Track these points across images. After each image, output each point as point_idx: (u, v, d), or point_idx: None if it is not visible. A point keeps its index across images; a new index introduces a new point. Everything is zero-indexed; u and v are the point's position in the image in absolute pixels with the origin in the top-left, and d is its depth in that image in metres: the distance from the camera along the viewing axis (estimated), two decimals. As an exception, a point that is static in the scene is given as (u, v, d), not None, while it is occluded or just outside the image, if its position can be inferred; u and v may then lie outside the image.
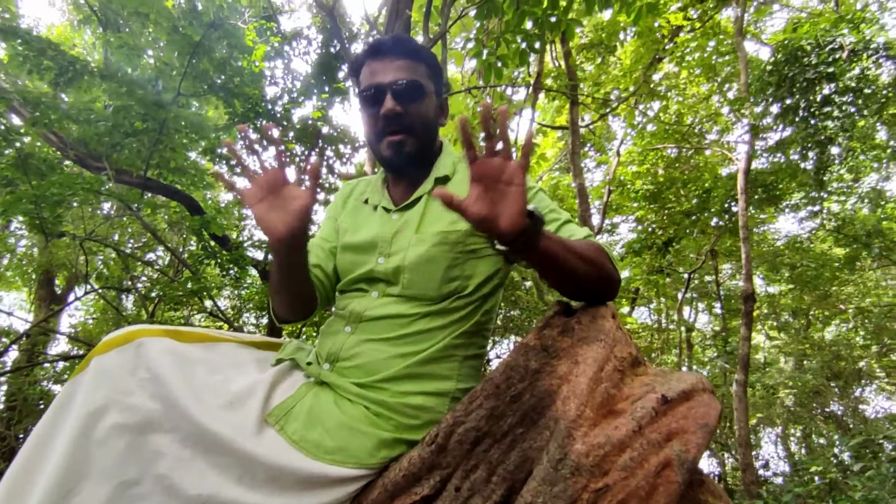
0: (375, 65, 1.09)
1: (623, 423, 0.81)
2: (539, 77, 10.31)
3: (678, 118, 11.17)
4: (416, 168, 1.12)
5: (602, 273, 0.94)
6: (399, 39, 1.10)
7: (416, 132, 1.07)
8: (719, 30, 9.99)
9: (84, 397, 0.86)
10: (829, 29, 4.75)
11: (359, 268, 1.08)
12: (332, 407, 0.94)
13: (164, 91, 5.24)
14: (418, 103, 1.06)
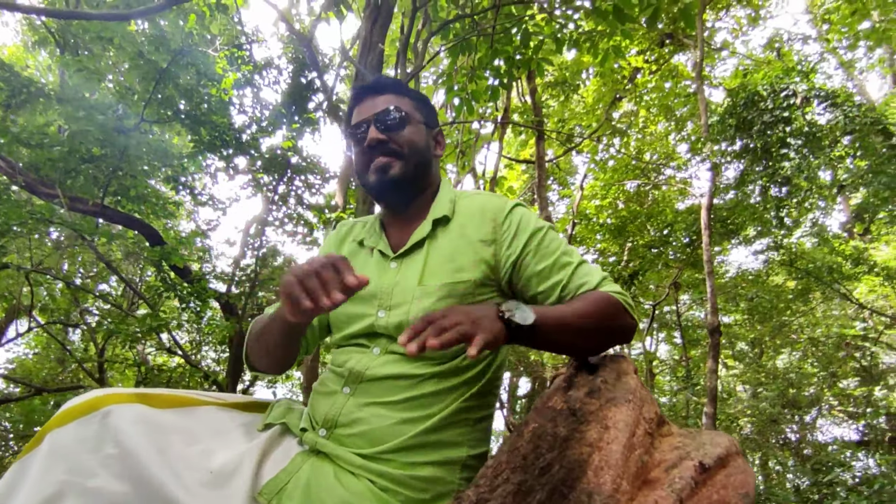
0: (360, 106, 1.07)
1: (662, 496, 0.74)
2: (506, 112, 10.54)
3: (638, 154, 11.61)
4: (406, 197, 1.05)
5: (614, 327, 0.91)
6: (380, 79, 1.09)
7: (402, 156, 1.01)
8: (676, 73, 10.55)
9: (34, 481, 0.73)
10: (783, 77, 5.07)
11: (357, 322, 0.98)
12: (333, 482, 0.83)
13: (125, 117, 5.04)
14: (403, 130, 1.02)
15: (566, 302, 0.94)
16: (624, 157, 11.41)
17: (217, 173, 5.66)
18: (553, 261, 0.95)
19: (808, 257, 8.56)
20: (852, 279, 8.81)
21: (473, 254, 0.96)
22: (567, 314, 0.87)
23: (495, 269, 0.97)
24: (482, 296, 0.96)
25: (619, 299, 0.93)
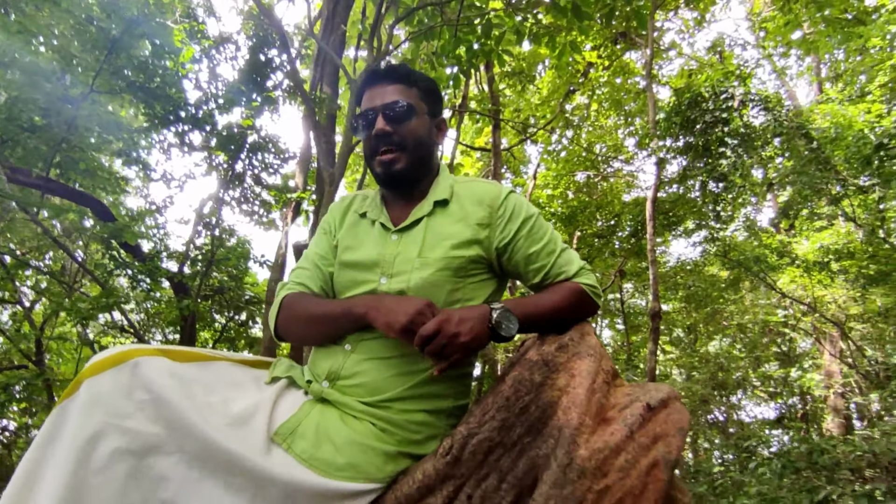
0: (371, 92, 1.15)
1: (617, 429, 0.91)
2: (465, 99, 10.64)
3: (588, 147, 12.05)
4: (408, 185, 1.16)
5: (582, 313, 1.10)
6: (392, 67, 1.17)
7: (407, 150, 1.12)
8: (626, 70, 10.98)
9: (77, 423, 0.81)
10: (723, 80, 5.45)
11: (359, 286, 1.10)
12: (339, 424, 0.95)
13: (72, 86, 4.80)
14: (409, 123, 1.12)
15: (545, 289, 1.11)
16: (575, 148, 11.81)
17: (171, 149, 5.49)
18: (541, 246, 1.10)
19: (740, 249, 9.23)
20: (777, 270, 9.59)
21: (470, 234, 1.09)
22: (543, 309, 1.05)
23: (488, 249, 1.10)
24: (474, 271, 1.09)
25: (587, 291, 1.10)
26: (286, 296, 1.13)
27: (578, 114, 12.26)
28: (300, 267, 1.19)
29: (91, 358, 0.90)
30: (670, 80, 11.46)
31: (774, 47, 11.49)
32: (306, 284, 1.15)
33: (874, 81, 7.69)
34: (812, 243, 8.77)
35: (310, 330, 1.10)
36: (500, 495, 0.89)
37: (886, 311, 8.94)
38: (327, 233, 1.23)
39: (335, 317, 1.05)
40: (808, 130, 5.11)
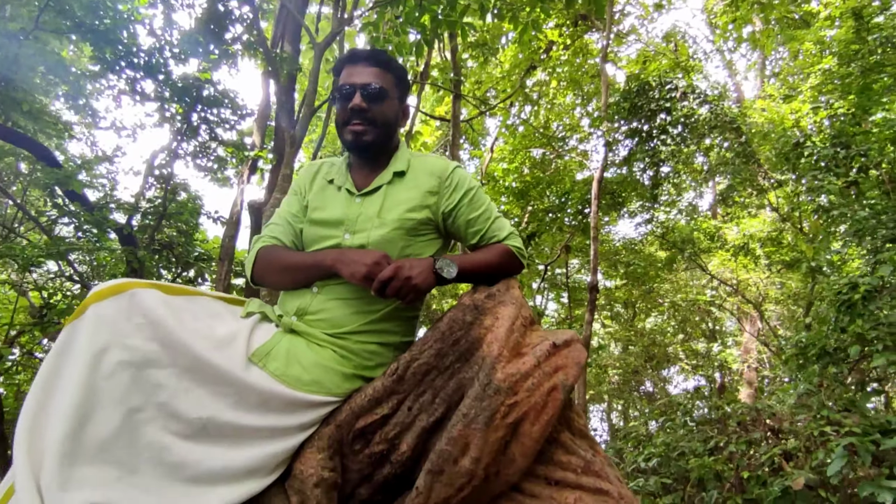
0: (352, 69, 1.31)
1: (528, 360, 1.15)
2: (426, 68, 10.61)
3: (545, 124, 12.35)
4: (372, 155, 1.35)
5: (509, 270, 1.33)
6: (375, 51, 1.34)
7: (376, 126, 1.30)
8: (586, 51, 11.24)
9: (87, 339, 0.97)
10: (669, 71, 5.79)
11: (326, 241, 1.28)
12: (307, 350, 1.15)
13: (11, 19, 4.56)
14: (381, 104, 1.30)
15: (480, 249, 1.33)
16: (534, 123, 12.07)
17: (121, 97, 5.32)
18: (479, 213, 1.32)
19: (678, 232, 9.88)
20: (708, 253, 10.34)
21: (421, 200, 1.29)
22: (477, 263, 1.27)
23: (436, 213, 1.31)
24: (423, 231, 1.30)
25: (514, 251, 1.34)
26: (261, 248, 1.30)
27: (538, 90, 12.48)
28: (273, 223, 1.37)
29: (93, 288, 1.05)
30: (627, 64, 11.82)
31: (725, 41, 12.04)
32: (279, 238, 1.32)
33: (806, 82, 8.30)
34: (741, 230, 9.50)
35: (283, 277, 1.28)
36: (434, 407, 1.12)
37: (798, 294, 9.85)
38: (298, 194, 1.40)
39: (307, 266, 1.24)
40: (739, 125, 5.55)
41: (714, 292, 11.51)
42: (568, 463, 1.20)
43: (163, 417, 0.98)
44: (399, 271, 1.12)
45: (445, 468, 1.06)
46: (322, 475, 1.07)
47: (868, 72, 6.87)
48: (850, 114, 5.65)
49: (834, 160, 4.28)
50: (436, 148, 13.59)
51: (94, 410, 0.94)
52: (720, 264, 10.17)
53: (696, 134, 5.72)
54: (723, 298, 11.60)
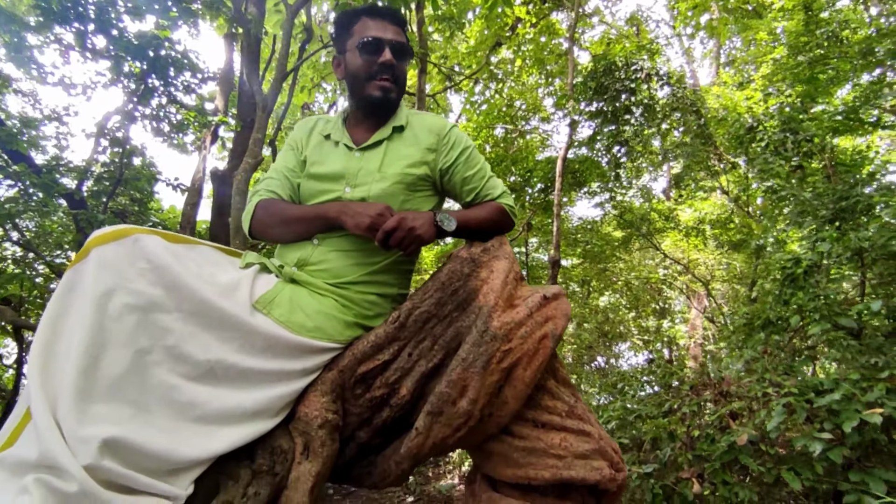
0: (373, 22, 1.31)
1: (521, 310, 1.22)
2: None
3: (509, 101, 12.42)
4: (385, 112, 1.36)
5: (502, 226, 1.39)
6: (394, 11, 1.34)
7: (400, 84, 1.33)
8: (552, 30, 11.30)
9: (93, 281, 0.97)
10: (635, 52, 5.94)
11: (325, 194, 1.30)
12: (309, 298, 1.18)
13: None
14: (404, 63, 1.34)
15: (475, 206, 1.38)
16: (497, 101, 12.11)
17: (69, 52, 4.99)
18: (475, 172, 1.37)
19: (635, 212, 10.24)
20: (662, 233, 10.79)
21: (420, 156, 1.32)
22: (473, 219, 1.32)
23: (434, 169, 1.35)
24: (421, 187, 1.33)
25: (507, 209, 1.40)
26: (260, 201, 1.30)
27: (503, 68, 12.49)
28: (269, 177, 1.37)
29: (94, 232, 1.04)
30: (591, 45, 11.99)
31: (685, 26, 12.37)
32: (276, 192, 1.33)
33: (759, 71, 8.67)
34: (694, 211, 9.94)
35: (285, 229, 1.29)
36: (433, 354, 1.18)
37: (742, 274, 10.45)
38: (294, 149, 1.40)
39: (310, 218, 1.25)
40: (699, 108, 5.80)
41: (666, 271, 12.03)
42: (553, 407, 1.29)
43: (170, 360, 1.00)
44: (403, 222, 1.16)
45: (444, 409, 1.12)
46: (326, 417, 1.11)
47: (814, 63, 7.25)
48: (797, 102, 5.97)
49: (783, 145, 4.55)
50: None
51: (105, 350, 0.94)
52: (672, 244, 10.65)
53: (658, 115, 5.94)
54: (673, 277, 12.15)
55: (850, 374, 2.95)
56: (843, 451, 2.65)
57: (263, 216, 1.29)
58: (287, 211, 1.28)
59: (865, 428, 2.67)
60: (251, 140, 3.07)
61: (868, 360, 3.03)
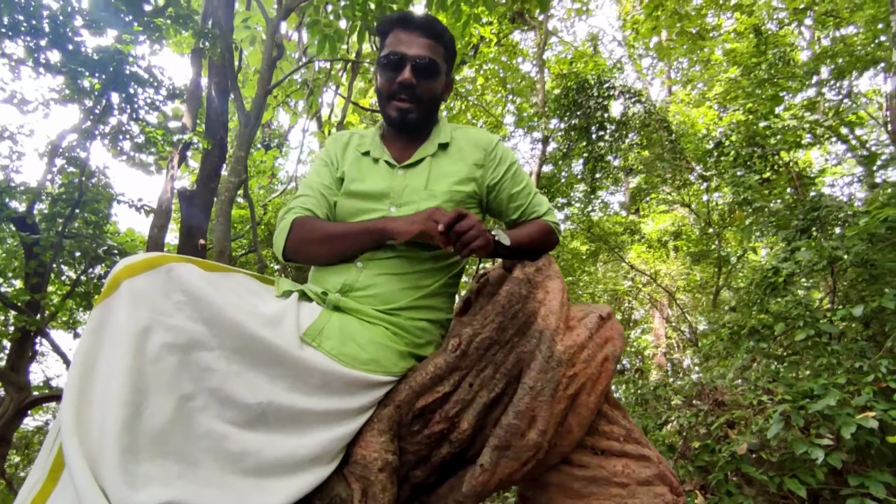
0: (403, 35, 1.23)
1: (581, 332, 1.16)
2: (358, 56, 10.39)
3: (472, 119, 12.54)
4: (415, 131, 1.29)
5: (549, 244, 1.33)
6: (429, 19, 1.25)
7: (423, 104, 1.24)
8: (515, 50, 11.55)
9: (127, 318, 0.84)
10: (607, 70, 6.11)
11: (368, 213, 1.20)
12: (360, 327, 1.08)
13: None
14: (430, 80, 1.24)
15: (522, 224, 1.31)
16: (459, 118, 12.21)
17: (20, 66, 4.67)
18: (521, 188, 1.30)
19: (601, 226, 10.47)
20: (626, 246, 11.06)
21: (468, 172, 1.25)
22: (524, 237, 1.24)
23: (481, 186, 1.28)
24: (469, 204, 1.26)
25: (553, 227, 1.33)
26: (297, 218, 1.19)
27: (463, 88, 12.64)
28: (304, 195, 1.25)
29: (121, 262, 0.91)
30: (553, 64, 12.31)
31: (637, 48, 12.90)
32: (312, 210, 1.22)
33: (713, 90, 9.11)
34: (656, 224, 10.25)
35: (325, 248, 1.17)
36: (494, 382, 1.10)
37: (704, 284, 10.80)
38: (329, 165, 1.30)
39: (355, 234, 1.14)
40: (669, 124, 6.01)
41: (630, 283, 12.31)
42: (611, 432, 1.23)
43: (216, 404, 0.87)
44: (468, 216, 1.06)
45: (513, 442, 1.04)
46: (386, 459, 1.01)
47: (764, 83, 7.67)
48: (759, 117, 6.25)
49: (751, 158, 4.74)
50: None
51: (146, 398, 0.82)
52: (637, 256, 10.92)
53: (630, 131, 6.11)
54: (638, 289, 12.45)
55: (838, 378, 3.04)
56: (841, 455, 2.70)
57: (301, 234, 1.18)
58: (328, 228, 1.18)
59: (859, 431, 2.74)
60: (234, 158, 2.91)
61: (853, 364, 3.13)
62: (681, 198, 7.09)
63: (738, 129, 6.31)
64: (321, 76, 9.36)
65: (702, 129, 7.98)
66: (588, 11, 11.45)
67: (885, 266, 3.26)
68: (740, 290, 7.37)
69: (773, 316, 3.67)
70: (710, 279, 9.90)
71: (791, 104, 6.02)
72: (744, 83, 7.83)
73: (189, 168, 6.98)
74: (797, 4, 9.32)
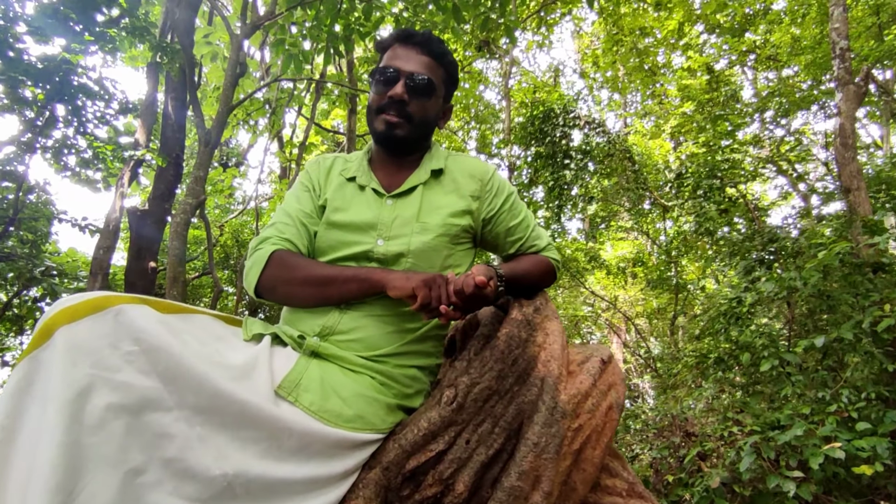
0: (401, 50, 1.13)
1: (584, 378, 1.07)
2: (322, 77, 10.30)
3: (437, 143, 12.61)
4: (400, 152, 1.18)
5: (546, 281, 1.24)
6: (431, 38, 1.16)
7: (413, 122, 1.13)
8: (479, 77, 11.73)
9: (61, 375, 0.69)
10: (572, 101, 6.25)
11: (349, 247, 1.07)
12: (342, 377, 0.95)
13: None
14: (424, 99, 1.14)
15: (519, 258, 1.22)
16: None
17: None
18: (519, 221, 1.21)
19: (562, 252, 10.60)
20: (586, 273, 11.23)
21: (464, 204, 1.15)
22: (521, 274, 1.16)
23: (476, 219, 1.18)
24: (463, 239, 1.16)
25: (553, 263, 1.25)
26: (276, 251, 1.05)
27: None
28: (282, 222, 1.12)
29: (57, 303, 0.76)
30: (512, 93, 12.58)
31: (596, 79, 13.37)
32: (292, 241, 1.09)
33: (668, 122, 9.48)
34: (615, 251, 10.47)
35: (306, 291, 1.04)
36: (493, 438, 0.98)
37: (661, 309, 11.06)
38: (310, 190, 1.17)
39: (343, 280, 1.01)
40: (632, 154, 6.18)
41: (590, 308, 12.48)
42: (613, 487, 1.13)
43: (173, 478, 0.72)
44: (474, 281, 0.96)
45: (515, 507, 0.93)
46: (372, 532, 0.87)
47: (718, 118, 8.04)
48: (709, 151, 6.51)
49: (710, 189, 4.90)
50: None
51: (83, 477, 0.66)
52: (595, 282, 11.10)
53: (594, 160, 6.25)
54: (597, 315, 12.63)
55: (802, 408, 3.08)
56: (810, 487, 2.71)
57: (279, 272, 1.04)
58: (311, 269, 1.04)
59: (826, 462, 2.76)
60: (192, 178, 2.72)
61: (815, 393, 3.19)
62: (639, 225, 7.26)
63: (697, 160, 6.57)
64: (284, 95, 9.18)
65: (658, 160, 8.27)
66: (549, 45, 11.81)
67: (841, 298, 3.36)
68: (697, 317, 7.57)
69: (737, 345, 3.72)
70: (667, 304, 10.14)
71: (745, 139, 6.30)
72: (697, 117, 8.20)
73: (140, 186, 6.62)
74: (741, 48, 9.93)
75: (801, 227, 4.52)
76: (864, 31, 7.25)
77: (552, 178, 6.43)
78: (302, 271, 1.04)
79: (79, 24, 4.70)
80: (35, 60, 4.48)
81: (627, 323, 11.38)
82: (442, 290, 0.97)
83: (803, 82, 9.68)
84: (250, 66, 6.17)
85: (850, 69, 4.73)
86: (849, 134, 4.60)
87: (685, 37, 9.69)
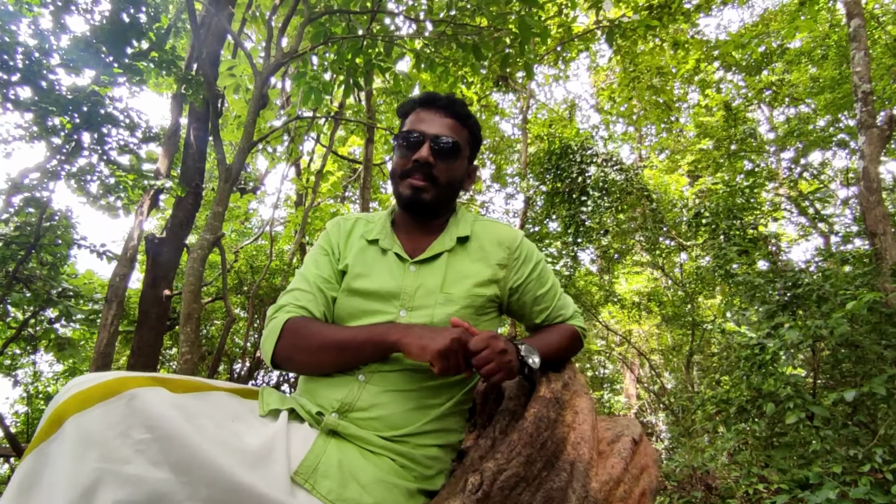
0: (424, 114, 1.12)
1: (615, 462, 1.01)
2: (342, 108, 10.49)
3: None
4: (427, 216, 1.15)
5: (573, 351, 1.21)
6: (453, 100, 1.15)
7: (439, 186, 1.11)
8: (496, 110, 11.86)
9: (68, 472, 0.65)
10: (590, 138, 6.27)
11: (370, 316, 1.04)
12: (362, 461, 0.90)
13: None
14: (450, 162, 1.12)
15: (547, 329, 1.19)
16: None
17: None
18: (546, 290, 1.17)
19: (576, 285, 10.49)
20: (600, 306, 11.09)
21: (490, 274, 1.11)
22: (551, 348, 1.12)
23: (503, 289, 1.13)
24: (489, 309, 1.11)
25: (580, 333, 1.22)
26: (289, 319, 1.01)
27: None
28: (298, 289, 1.08)
29: (69, 386, 0.72)
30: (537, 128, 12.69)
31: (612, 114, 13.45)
32: (308, 308, 1.05)
33: (684, 158, 9.45)
34: (629, 285, 10.33)
35: (322, 358, 1.00)
36: (520, 529, 0.92)
37: (676, 345, 10.84)
38: (329, 254, 1.14)
39: (359, 343, 0.97)
40: (650, 192, 6.16)
41: (603, 342, 12.27)
42: (645, 578, 1.06)
43: None
44: (493, 342, 0.92)
45: None
46: None
47: (733, 155, 7.99)
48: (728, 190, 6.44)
49: (730, 230, 4.82)
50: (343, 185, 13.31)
51: None
52: (608, 317, 10.94)
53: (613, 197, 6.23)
54: (611, 348, 12.41)
55: (833, 466, 2.94)
56: (843, 555, 2.56)
57: (293, 340, 1.00)
58: (325, 335, 1.00)
59: (859, 527, 2.62)
60: (211, 214, 2.73)
61: (846, 450, 3.05)
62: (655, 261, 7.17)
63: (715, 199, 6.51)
64: (303, 124, 9.34)
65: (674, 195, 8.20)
66: (566, 78, 11.95)
67: (871, 349, 3.24)
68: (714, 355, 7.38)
69: (759, 394, 3.59)
70: (682, 340, 9.93)
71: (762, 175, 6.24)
72: (715, 154, 8.16)
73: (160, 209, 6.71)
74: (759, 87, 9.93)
75: (824, 270, 4.40)
76: (884, 73, 7.22)
77: (568, 214, 6.41)
78: (316, 339, 1.00)
79: (109, 55, 4.84)
80: (65, 91, 4.61)
81: (641, 358, 11.15)
82: (459, 357, 0.93)
83: (821, 118, 9.64)
84: (271, 96, 6.29)
85: (873, 112, 4.69)
86: (873, 178, 4.52)
87: (701, 72, 9.75)
